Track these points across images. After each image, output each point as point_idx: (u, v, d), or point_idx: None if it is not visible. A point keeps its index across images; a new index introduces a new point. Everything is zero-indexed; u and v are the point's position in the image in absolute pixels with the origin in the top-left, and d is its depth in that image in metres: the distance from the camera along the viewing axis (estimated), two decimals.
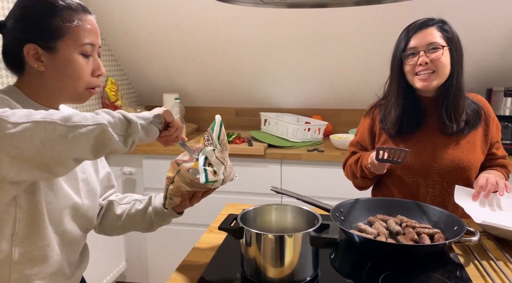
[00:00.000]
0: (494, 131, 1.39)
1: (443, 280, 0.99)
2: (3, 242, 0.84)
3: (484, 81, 2.35)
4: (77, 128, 0.70)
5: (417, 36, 1.27)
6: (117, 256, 2.39)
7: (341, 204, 1.27)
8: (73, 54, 0.87)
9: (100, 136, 0.73)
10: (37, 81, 0.89)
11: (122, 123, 0.78)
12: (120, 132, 0.78)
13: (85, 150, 0.73)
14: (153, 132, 0.86)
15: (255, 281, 0.96)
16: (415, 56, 1.27)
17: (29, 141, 0.66)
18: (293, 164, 2.24)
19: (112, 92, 2.42)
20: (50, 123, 0.68)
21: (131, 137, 0.80)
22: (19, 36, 0.86)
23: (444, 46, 1.26)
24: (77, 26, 0.87)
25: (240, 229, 0.97)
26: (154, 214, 1.11)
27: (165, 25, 2.37)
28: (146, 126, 0.84)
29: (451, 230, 1.15)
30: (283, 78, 2.58)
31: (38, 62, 0.86)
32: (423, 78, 1.27)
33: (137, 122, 0.81)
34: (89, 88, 0.93)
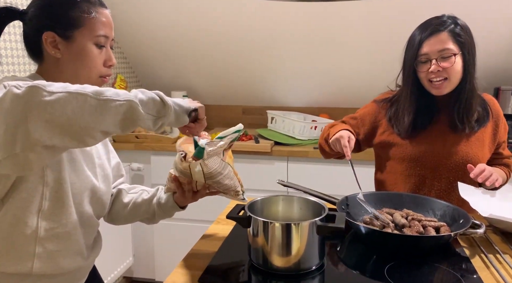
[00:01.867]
0: (502, 130, 1.40)
1: (449, 271, 0.99)
2: (30, 217, 0.89)
3: (492, 80, 2.35)
4: (107, 102, 0.73)
5: (429, 42, 1.26)
6: (124, 252, 2.42)
7: (347, 198, 1.28)
8: (88, 44, 0.93)
9: (129, 113, 0.75)
10: (54, 69, 0.94)
11: (155, 104, 0.80)
12: (151, 112, 0.79)
13: (113, 124, 0.75)
14: (183, 121, 0.88)
15: (262, 269, 0.98)
16: (427, 64, 1.27)
17: (62, 109, 0.70)
18: (299, 161, 2.25)
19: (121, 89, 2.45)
20: (82, 95, 0.72)
21: (161, 119, 0.82)
22: (39, 24, 0.91)
23: (456, 54, 1.25)
24: (94, 18, 0.93)
25: (247, 218, 0.99)
26: (157, 205, 1.13)
27: (174, 23, 2.40)
28: (180, 113, 0.86)
29: (457, 224, 1.15)
30: (290, 76, 2.60)
31: (55, 49, 0.92)
32: (436, 86, 1.29)
33: (172, 107, 0.83)
34: (102, 77, 0.98)
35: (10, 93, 0.70)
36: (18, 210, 0.88)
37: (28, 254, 0.89)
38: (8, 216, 0.88)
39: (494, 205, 1.28)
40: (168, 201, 1.12)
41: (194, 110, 0.90)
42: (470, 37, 1.29)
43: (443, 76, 1.26)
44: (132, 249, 2.49)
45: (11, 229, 0.88)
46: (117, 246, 2.32)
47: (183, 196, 1.10)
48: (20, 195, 0.87)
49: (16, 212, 0.88)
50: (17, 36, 1.86)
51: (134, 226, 2.48)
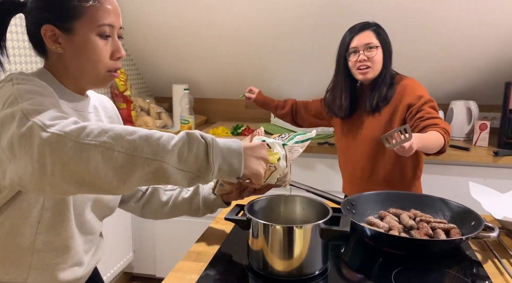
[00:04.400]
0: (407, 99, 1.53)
1: (459, 277, 0.94)
2: (28, 228, 0.84)
3: (503, 74, 2.28)
4: (135, 159, 0.66)
5: (357, 38, 1.56)
6: (125, 247, 2.39)
7: (352, 197, 1.23)
8: (90, 35, 0.83)
9: (158, 173, 0.67)
10: (59, 64, 0.87)
11: (197, 161, 0.69)
12: (190, 169, 0.69)
13: (139, 182, 0.68)
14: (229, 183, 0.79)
15: (262, 274, 0.93)
16: (356, 54, 1.56)
17: (84, 165, 0.65)
18: (303, 156, 2.19)
19: (121, 82, 2.40)
20: (109, 150, 0.65)
21: (199, 179, 0.71)
22: (38, 17, 0.84)
23: (378, 46, 1.55)
24: (94, 6, 0.83)
25: (247, 220, 0.94)
26: (202, 203, 1.11)
27: (175, 15, 2.34)
28: (224, 174, 0.73)
29: (468, 225, 1.10)
30: (294, 70, 2.54)
31: (55, 43, 0.84)
32: (362, 72, 1.56)
33: (215, 170, 0.70)
34: (111, 72, 0.89)
35: (36, 134, 0.64)
36: (17, 220, 0.84)
37: (23, 265, 0.85)
38: (6, 225, 0.84)
39: (508, 206, 1.22)
40: (216, 200, 1.11)
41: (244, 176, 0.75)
42: (387, 37, 1.59)
43: (367, 65, 1.54)
44: (132, 245, 2.46)
45: (8, 239, 0.84)
46: (117, 242, 2.29)
47: (239, 196, 1.07)
48: (20, 205, 0.83)
49: (14, 221, 0.84)
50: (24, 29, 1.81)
51: (135, 222, 2.45)
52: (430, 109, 1.50)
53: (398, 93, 1.56)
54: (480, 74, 2.32)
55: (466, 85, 2.40)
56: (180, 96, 2.47)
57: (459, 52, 2.23)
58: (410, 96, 1.53)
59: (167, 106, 2.74)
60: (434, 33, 2.16)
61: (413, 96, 1.53)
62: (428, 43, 2.21)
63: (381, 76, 1.57)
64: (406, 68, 2.36)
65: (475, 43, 2.16)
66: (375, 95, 1.58)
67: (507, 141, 2.07)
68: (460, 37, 2.15)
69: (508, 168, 1.97)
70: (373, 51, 1.54)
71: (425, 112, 1.49)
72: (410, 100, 1.53)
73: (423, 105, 1.50)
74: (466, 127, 2.27)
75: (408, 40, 2.19)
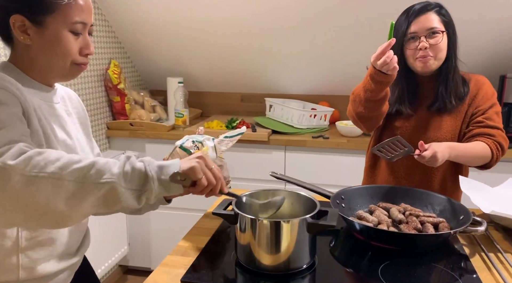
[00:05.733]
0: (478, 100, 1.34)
1: (446, 271, 0.94)
2: (9, 228, 0.83)
3: (497, 67, 2.27)
4: (85, 186, 0.67)
5: (417, 21, 1.29)
6: (120, 240, 2.39)
7: (342, 191, 1.23)
8: (62, 31, 0.84)
9: (110, 195, 0.68)
10: (25, 56, 0.86)
11: (140, 178, 0.70)
12: (135, 187, 0.70)
13: (91, 207, 0.69)
14: (175, 189, 0.75)
15: (249, 268, 0.93)
16: (416, 41, 1.29)
17: (33, 198, 0.65)
18: (297, 150, 2.20)
19: (115, 75, 2.39)
20: (58, 180, 0.66)
21: (145, 194, 0.72)
22: (7, 5, 0.82)
23: (443, 31, 1.29)
24: (69, 4, 0.83)
25: (234, 215, 0.94)
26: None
27: (170, 7, 2.32)
28: (166, 184, 0.73)
29: (457, 220, 1.10)
30: (290, 63, 2.52)
31: (24, 34, 0.83)
32: (423, 63, 1.29)
33: (154, 179, 0.71)
34: (77, 64, 0.89)
35: None
36: None
37: (11, 266, 0.84)
38: None
39: (496, 200, 1.22)
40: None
41: (176, 174, 0.74)
42: (452, 20, 1.33)
43: (430, 54, 1.29)
44: (127, 238, 2.46)
45: None
46: (112, 235, 2.30)
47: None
48: None
49: None
50: None
51: (129, 216, 2.45)
52: (494, 115, 1.32)
53: (472, 89, 1.35)
54: (475, 67, 2.31)
55: None
56: (174, 89, 2.46)
57: None
58: (487, 93, 1.34)
59: (162, 100, 2.73)
60: None
61: (490, 94, 1.34)
62: None
63: (448, 66, 1.32)
64: None
65: (470, 37, 2.15)
66: (443, 90, 1.33)
67: None
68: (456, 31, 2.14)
69: (502, 161, 1.97)
70: (437, 37, 1.27)
71: (486, 117, 1.31)
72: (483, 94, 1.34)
73: (490, 108, 1.32)
74: None
75: None
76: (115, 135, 2.39)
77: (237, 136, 1.06)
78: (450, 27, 1.32)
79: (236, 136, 1.06)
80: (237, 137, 1.06)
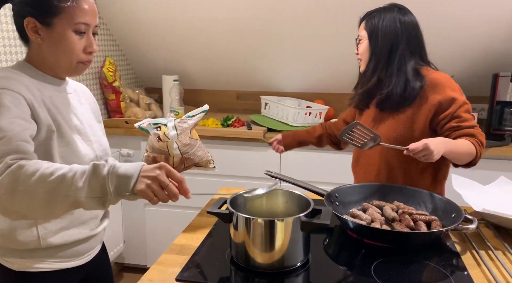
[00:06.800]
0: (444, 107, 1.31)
1: (438, 269, 0.96)
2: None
3: (490, 66, 2.29)
4: (55, 197, 0.78)
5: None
6: (115, 238, 2.40)
7: (336, 189, 1.24)
8: (67, 31, 0.94)
9: (74, 205, 0.80)
10: (38, 54, 0.97)
11: (101, 189, 0.78)
12: (97, 195, 0.79)
13: (63, 211, 0.82)
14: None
15: (244, 266, 0.94)
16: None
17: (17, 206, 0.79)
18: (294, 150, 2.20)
19: (110, 73, 2.38)
20: (33, 193, 0.78)
21: (107, 202, 0.80)
22: (23, 9, 0.94)
23: (362, 39, 1.43)
24: (72, 7, 0.93)
25: (229, 214, 0.95)
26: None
27: (165, 5, 2.32)
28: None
29: (449, 217, 1.11)
30: (285, 61, 2.53)
31: (36, 35, 0.94)
32: (360, 65, 1.49)
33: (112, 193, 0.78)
34: (81, 63, 0.99)
35: None
36: None
37: (33, 237, 0.96)
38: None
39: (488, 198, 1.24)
40: None
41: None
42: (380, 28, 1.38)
43: (358, 58, 1.48)
44: (123, 235, 2.47)
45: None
46: (107, 232, 2.28)
47: None
48: None
49: None
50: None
51: (125, 213, 2.46)
52: (467, 115, 1.30)
53: (423, 91, 1.34)
54: (468, 66, 2.33)
55: (454, 77, 2.40)
56: (170, 87, 2.46)
57: (448, 44, 2.23)
58: (439, 95, 1.31)
59: (157, 97, 2.73)
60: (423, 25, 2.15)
61: (444, 96, 1.31)
62: None
63: (368, 69, 1.42)
64: None
65: (463, 35, 2.17)
66: (361, 91, 1.46)
67: (494, 132, 2.09)
68: (449, 30, 2.15)
69: (494, 159, 1.99)
70: (360, 43, 1.44)
71: (461, 120, 1.29)
72: (440, 102, 1.31)
73: (458, 110, 1.29)
74: None
75: None
76: (110, 133, 2.37)
77: (200, 114, 1.08)
78: (374, 34, 1.39)
79: (198, 114, 1.08)
80: (200, 115, 1.08)
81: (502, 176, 1.36)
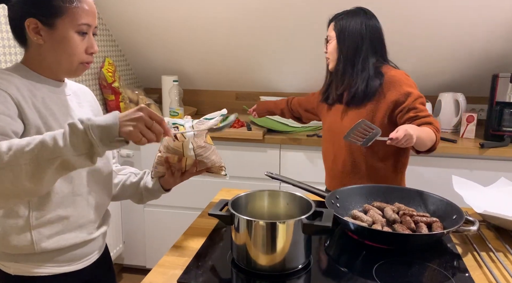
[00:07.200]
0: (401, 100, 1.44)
1: (439, 271, 0.96)
2: (21, 207, 0.92)
3: (490, 66, 2.29)
4: (40, 163, 0.76)
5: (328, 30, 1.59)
6: (115, 238, 2.39)
7: (337, 191, 1.24)
8: (70, 32, 0.94)
9: (64, 166, 0.78)
10: (38, 55, 0.96)
11: (85, 144, 0.77)
12: (83, 151, 0.78)
13: (54, 178, 0.80)
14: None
15: (245, 268, 0.94)
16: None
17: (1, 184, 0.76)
18: (292, 149, 2.21)
19: (109, 73, 2.38)
20: (16, 166, 0.75)
21: (95, 155, 0.80)
22: (23, 10, 0.92)
23: (330, 39, 1.55)
24: (76, 7, 0.94)
25: (230, 216, 0.95)
26: (144, 188, 1.19)
27: (164, 5, 2.31)
28: (110, 145, 0.80)
29: (450, 219, 1.11)
30: (285, 62, 2.53)
31: (37, 35, 0.93)
32: (328, 63, 1.61)
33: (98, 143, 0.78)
34: (82, 63, 0.99)
35: None
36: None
37: (27, 242, 0.94)
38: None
39: (489, 200, 1.24)
40: (155, 184, 1.18)
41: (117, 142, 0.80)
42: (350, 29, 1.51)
43: (327, 57, 1.60)
44: (122, 236, 2.47)
45: (4, 220, 0.93)
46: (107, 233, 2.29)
47: (172, 177, 1.14)
48: None
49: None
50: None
51: (124, 214, 2.45)
52: (422, 107, 1.43)
53: (382, 87, 1.47)
54: (468, 66, 2.33)
55: (454, 78, 2.42)
56: (169, 87, 2.46)
57: (448, 45, 2.23)
58: (396, 92, 1.44)
59: (157, 98, 2.72)
60: (422, 25, 2.16)
61: (400, 92, 1.44)
62: (417, 36, 2.21)
63: (338, 68, 1.54)
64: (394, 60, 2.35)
65: (463, 36, 2.17)
66: (334, 87, 1.58)
67: (493, 133, 2.10)
68: (449, 30, 2.15)
69: (494, 159, 1.99)
70: (329, 43, 1.57)
71: (418, 111, 1.42)
72: (397, 96, 1.44)
73: (414, 102, 1.43)
74: (453, 119, 2.28)
75: (397, 32, 2.19)
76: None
77: (218, 118, 1.07)
78: (342, 34, 1.52)
79: (216, 118, 1.07)
80: (218, 118, 1.07)
81: (502, 177, 1.36)
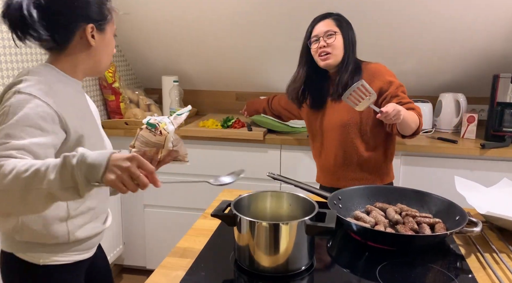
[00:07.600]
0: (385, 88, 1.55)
1: (443, 272, 0.96)
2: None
3: (490, 67, 2.29)
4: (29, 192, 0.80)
5: (317, 26, 1.60)
6: (115, 239, 2.38)
7: (339, 192, 1.23)
8: (111, 35, 1.08)
9: (50, 197, 0.81)
10: (76, 56, 1.03)
11: (72, 180, 0.79)
12: (70, 185, 0.79)
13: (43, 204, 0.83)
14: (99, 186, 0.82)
15: (248, 270, 0.94)
16: (317, 42, 1.59)
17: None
18: (292, 149, 2.20)
19: (110, 74, 2.37)
20: (8, 192, 0.80)
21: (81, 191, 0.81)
22: (80, 16, 1.00)
23: (337, 32, 1.57)
24: (116, 13, 1.08)
25: (233, 216, 0.94)
26: None
27: (165, 6, 2.31)
28: (93, 186, 0.81)
29: (453, 220, 1.11)
30: (285, 62, 2.51)
31: (92, 39, 1.03)
32: (323, 58, 1.58)
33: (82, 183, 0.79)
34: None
35: None
36: None
37: (63, 232, 1.02)
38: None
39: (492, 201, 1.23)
40: None
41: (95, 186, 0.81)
42: (349, 26, 1.61)
43: (327, 51, 1.56)
44: (122, 237, 2.46)
45: (47, 211, 0.97)
46: (107, 234, 2.28)
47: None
48: None
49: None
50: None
51: (125, 214, 2.44)
52: (403, 94, 1.53)
53: (365, 78, 1.52)
54: (469, 67, 2.33)
55: (454, 78, 2.41)
56: (169, 88, 2.45)
57: (448, 45, 2.23)
58: (379, 81, 1.54)
59: (157, 98, 2.72)
60: (423, 26, 2.16)
61: (383, 81, 1.54)
62: (417, 36, 2.21)
63: (344, 63, 1.58)
64: (395, 61, 2.36)
65: (463, 36, 2.17)
66: (339, 82, 1.58)
67: (494, 134, 2.10)
68: (449, 31, 2.15)
69: (494, 160, 1.99)
70: (332, 37, 1.56)
71: (400, 98, 1.51)
72: (380, 85, 1.53)
73: (396, 90, 1.52)
74: (454, 119, 2.28)
75: (397, 33, 2.19)
76: (110, 134, 2.36)
77: (186, 113, 1.17)
78: (345, 31, 1.58)
79: (185, 113, 1.17)
80: (187, 113, 1.17)
81: (505, 178, 1.36)
